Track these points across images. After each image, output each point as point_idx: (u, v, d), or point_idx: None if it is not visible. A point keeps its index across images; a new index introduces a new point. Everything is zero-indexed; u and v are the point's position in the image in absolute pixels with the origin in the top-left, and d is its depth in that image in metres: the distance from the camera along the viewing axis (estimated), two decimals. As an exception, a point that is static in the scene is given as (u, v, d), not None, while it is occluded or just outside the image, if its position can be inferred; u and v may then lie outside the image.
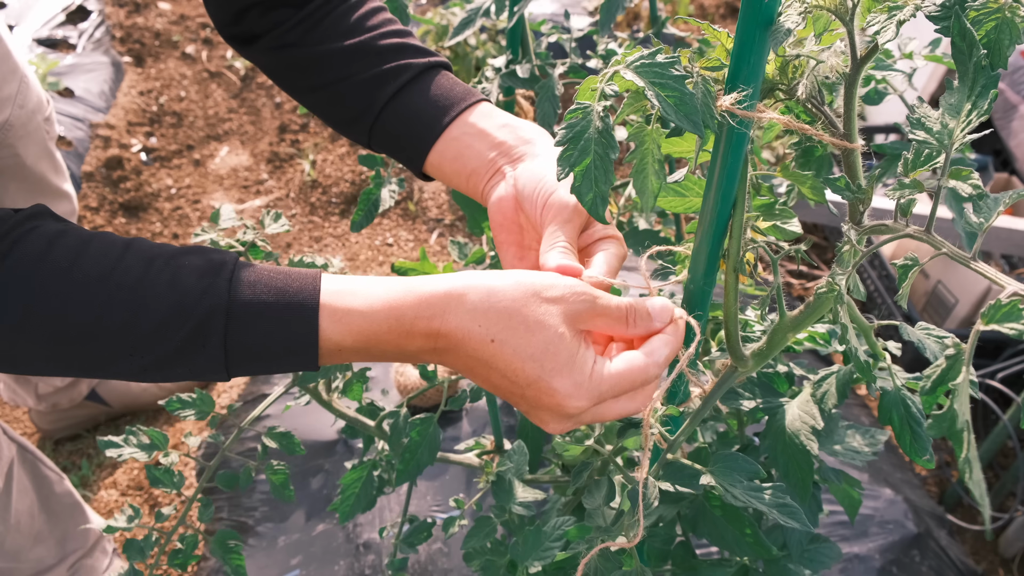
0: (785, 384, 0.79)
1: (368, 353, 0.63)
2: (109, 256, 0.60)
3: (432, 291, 0.61)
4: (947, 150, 0.48)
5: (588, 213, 0.58)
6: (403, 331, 0.61)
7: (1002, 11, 0.46)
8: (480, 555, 0.92)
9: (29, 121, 1.45)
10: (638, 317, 0.64)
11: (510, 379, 0.61)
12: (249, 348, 0.60)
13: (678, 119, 0.51)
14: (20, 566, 1.39)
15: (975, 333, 0.40)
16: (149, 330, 0.59)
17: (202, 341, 0.59)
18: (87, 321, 0.59)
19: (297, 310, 0.60)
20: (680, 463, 0.69)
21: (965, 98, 0.47)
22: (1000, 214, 0.46)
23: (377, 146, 0.83)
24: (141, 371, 0.61)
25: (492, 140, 0.76)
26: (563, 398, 0.60)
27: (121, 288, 0.59)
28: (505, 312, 0.60)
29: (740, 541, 0.72)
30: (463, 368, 0.64)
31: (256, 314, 0.60)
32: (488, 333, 0.60)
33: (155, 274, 0.60)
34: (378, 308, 0.61)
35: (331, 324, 0.61)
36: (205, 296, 0.59)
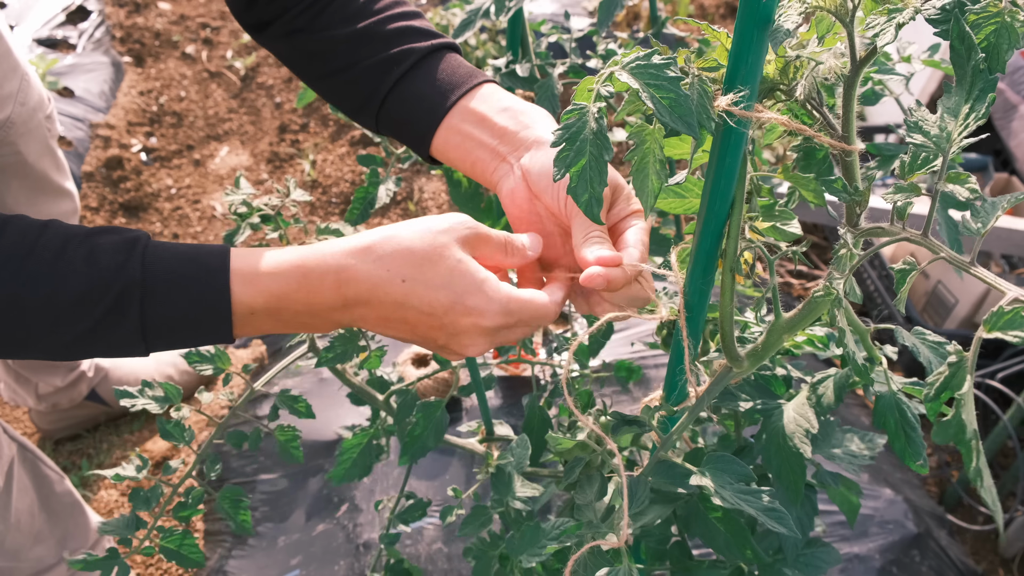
0: (782, 386, 0.79)
1: (279, 316, 0.66)
2: (27, 236, 0.62)
3: (336, 249, 0.65)
4: (945, 154, 0.47)
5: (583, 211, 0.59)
6: (311, 288, 0.65)
7: (1001, 15, 0.46)
8: (477, 548, 0.92)
9: (31, 119, 1.45)
10: (514, 247, 0.71)
11: (427, 312, 0.65)
12: (165, 317, 0.63)
13: (672, 121, 0.51)
14: (20, 565, 1.39)
15: (977, 340, 0.40)
16: (68, 306, 0.61)
17: (120, 313, 0.62)
18: (6, 298, 0.60)
19: (207, 275, 0.63)
20: (671, 462, 0.69)
21: (963, 101, 0.47)
22: (997, 219, 0.46)
23: (385, 132, 0.85)
24: (63, 348, 0.63)
25: (493, 127, 0.77)
26: (479, 314, 0.66)
27: (40, 265, 0.61)
28: (407, 252, 0.65)
29: (730, 544, 0.72)
30: (376, 319, 0.67)
31: (169, 283, 0.63)
32: (398, 274, 0.64)
33: (72, 252, 0.62)
34: (286, 268, 0.65)
35: (242, 287, 0.64)
36: (121, 270, 0.62)
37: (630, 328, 1.99)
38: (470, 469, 1.72)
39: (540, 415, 1.15)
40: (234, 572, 1.63)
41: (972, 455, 0.40)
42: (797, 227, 0.68)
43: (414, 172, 2.70)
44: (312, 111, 2.92)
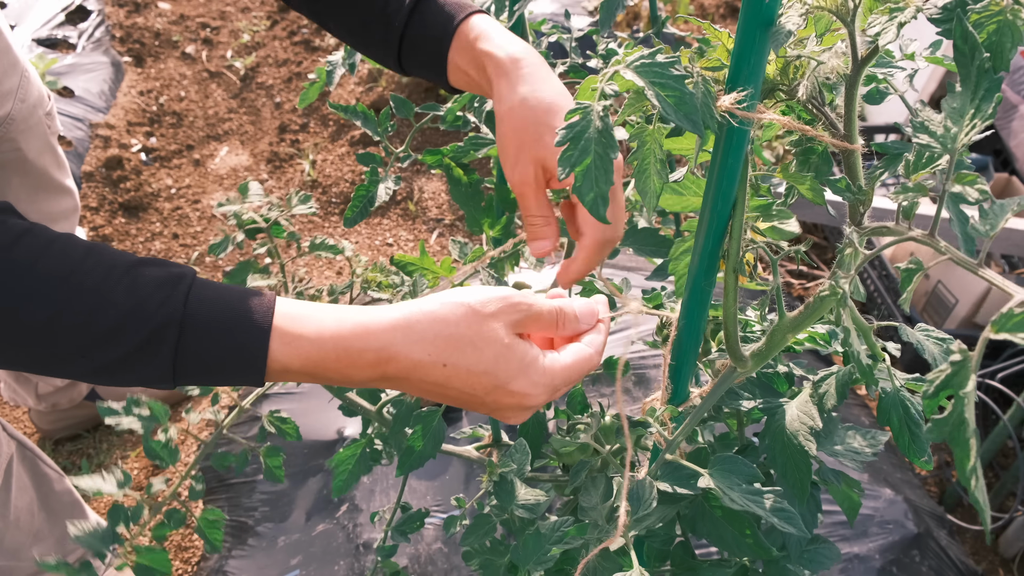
0: (785, 384, 0.79)
1: (314, 377, 0.66)
2: (71, 257, 0.61)
3: (378, 324, 0.64)
4: (951, 153, 0.47)
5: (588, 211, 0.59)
6: (350, 361, 0.64)
7: (1003, 13, 0.46)
8: (479, 554, 0.92)
9: (31, 115, 1.46)
10: (567, 320, 0.71)
11: (468, 393, 0.65)
12: (198, 362, 0.62)
13: (678, 119, 0.51)
14: (20, 564, 1.39)
15: (983, 341, 0.40)
16: (103, 333, 0.60)
17: (154, 350, 0.61)
18: (44, 318, 0.59)
19: (248, 330, 0.62)
20: (678, 463, 0.69)
21: (968, 102, 0.47)
22: (1006, 221, 0.46)
23: (412, 73, 0.88)
24: (91, 374, 0.62)
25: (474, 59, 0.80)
26: (523, 397, 0.66)
27: (81, 289, 0.60)
28: (451, 337, 0.64)
29: (739, 542, 0.72)
30: (416, 391, 0.67)
31: (208, 329, 0.62)
32: (439, 359, 0.64)
33: (115, 280, 0.61)
34: (327, 337, 0.64)
35: (280, 347, 0.63)
36: (162, 307, 0.61)
37: (629, 328, 1.99)
38: (471, 469, 1.72)
39: (535, 418, 1.15)
40: (234, 572, 1.63)
41: (970, 455, 0.40)
42: (795, 225, 0.69)
43: (414, 171, 2.70)
44: (312, 111, 2.92)
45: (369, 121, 1.09)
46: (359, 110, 1.08)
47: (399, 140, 2.72)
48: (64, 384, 1.85)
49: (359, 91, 2.93)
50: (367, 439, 1.05)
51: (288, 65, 3.12)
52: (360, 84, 2.95)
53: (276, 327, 0.63)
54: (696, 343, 0.73)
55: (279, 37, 3.24)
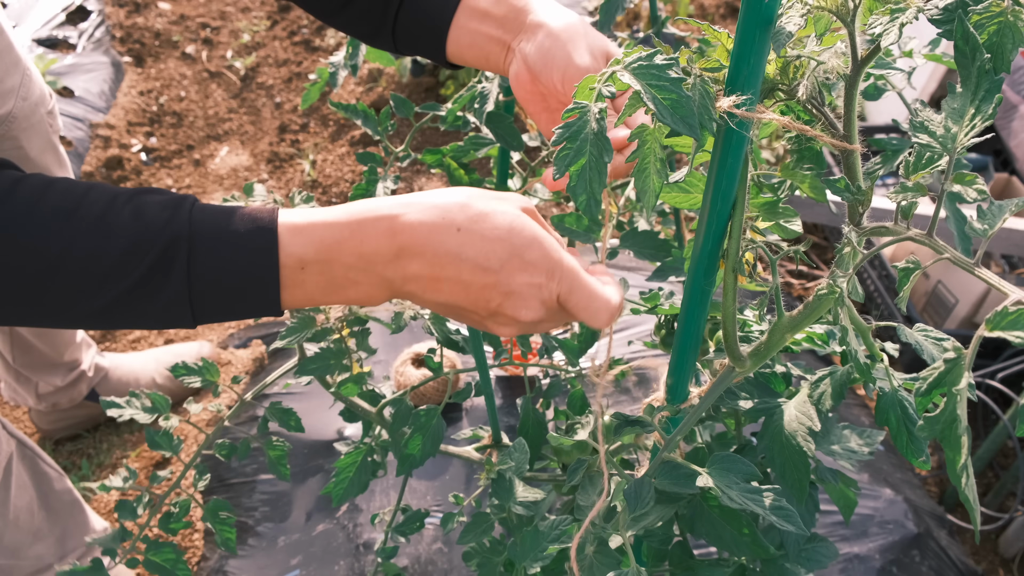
0: (782, 384, 0.79)
1: (331, 270, 0.63)
2: (74, 193, 0.61)
3: (390, 199, 0.64)
4: (951, 154, 0.47)
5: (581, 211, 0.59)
6: (364, 235, 0.63)
7: (1004, 14, 0.46)
8: (478, 554, 0.92)
9: (32, 113, 1.46)
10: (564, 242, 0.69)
11: (482, 265, 0.62)
12: (212, 273, 0.61)
13: (674, 122, 0.51)
14: (20, 563, 1.39)
15: (977, 338, 0.40)
16: (114, 260, 0.60)
17: (166, 269, 0.60)
18: (54, 253, 0.59)
19: (256, 226, 0.62)
20: (676, 462, 0.69)
21: (968, 102, 0.47)
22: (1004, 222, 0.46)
23: (405, 51, 0.88)
24: (104, 312, 0.61)
25: (493, 18, 0.81)
26: (536, 269, 0.63)
27: (86, 220, 0.60)
28: (464, 204, 0.63)
29: (738, 540, 0.72)
30: (429, 278, 0.64)
31: (217, 236, 0.61)
32: (453, 223, 0.62)
33: (119, 207, 0.61)
34: (339, 215, 0.63)
35: (292, 236, 0.62)
36: (168, 225, 0.61)
37: (629, 328, 1.99)
38: (471, 468, 1.72)
39: (535, 417, 1.15)
40: (234, 572, 1.63)
41: (960, 453, 0.40)
42: (799, 225, 0.69)
43: (414, 171, 2.70)
44: (312, 111, 2.92)
45: (369, 120, 1.09)
46: (360, 109, 1.08)
47: (399, 140, 2.72)
48: (64, 384, 1.85)
49: (359, 91, 2.93)
50: (368, 447, 1.05)
51: (288, 65, 3.12)
52: (360, 84, 2.96)
53: (284, 221, 0.63)
54: (696, 342, 0.73)
55: (279, 37, 3.24)
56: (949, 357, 0.41)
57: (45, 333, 1.74)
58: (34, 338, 1.74)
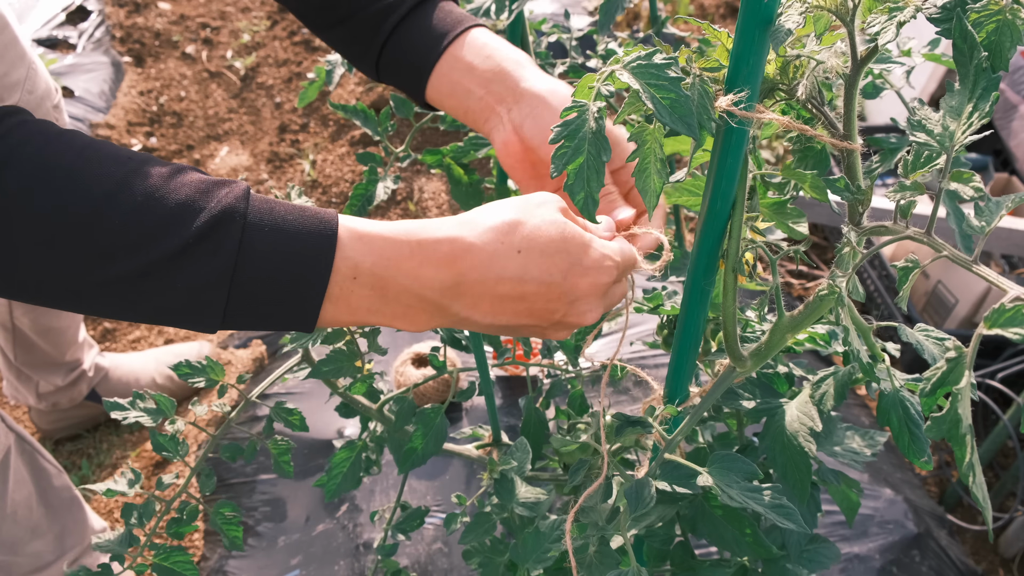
0: (785, 385, 0.79)
1: (385, 290, 0.60)
2: (124, 151, 0.57)
3: (448, 221, 0.62)
4: (948, 152, 0.47)
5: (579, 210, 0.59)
6: (425, 256, 0.60)
7: (1003, 13, 0.46)
8: (479, 553, 0.92)
9: (38, 107, 1.46)
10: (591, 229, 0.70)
11: (546, 281, 0.62)
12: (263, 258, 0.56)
13: (671, 122, 0.51)
14: (18, 560, 1.39)
15: (977, 337, 0.40)
16: (162, 216, 0.54)
17: (216, 242, 0.55)
18: (101, 194, 0.53)
19: (316, 222, 0.58)
20: (677, 462, 0.69)
21: (966, 100, 0.47)
22: (1001, 218, 0.46)
23: (385, 79, 0.85)
24: (140, 276, 0.55)
25: (479, 75, 0.78)
26: (597, 272, 0.64)
27: (139, 173, 0.55)
28: (517, 223, 0.62)
29: (740, 541, 0.72)
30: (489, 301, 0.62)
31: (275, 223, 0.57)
32: (512, 246, 0.62)
33: (173, 172, 0.57)
34: (400, 231, 0.61)
35: (351, 240, 0.58)
36: (226, 197, 0.56)
37: (630, 328, 1.99)
38: (471, 468, 1.72)
39: (537, 417, 1.15)
40: (234, 572, 1.63)
41: (966, 451, 0.40)
42: (806, 226, 0.69)
43: (414, 171, 2.70)
44: (312, 111, 2.92)
45: (369, 120, 1.09)
46: (359, 109, 1.08)
47: (399, 140, 2.72)
48: (65, 383, 1.85)
49: (359, 91, 2.93)
50: (362, 444, 1.05)
51: (288, 65, 3.12)
52: (360, 84, 2.96)
53: (345, 224, 0.59)
54: (696, 342, 0.73)
55: (279, 37, 3.24)
56: (951, 356, 0.41)
57: (48, 331, 1.74)
58: (37, 337, 1.74)
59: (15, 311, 1.68)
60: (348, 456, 1.04)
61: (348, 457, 1.04)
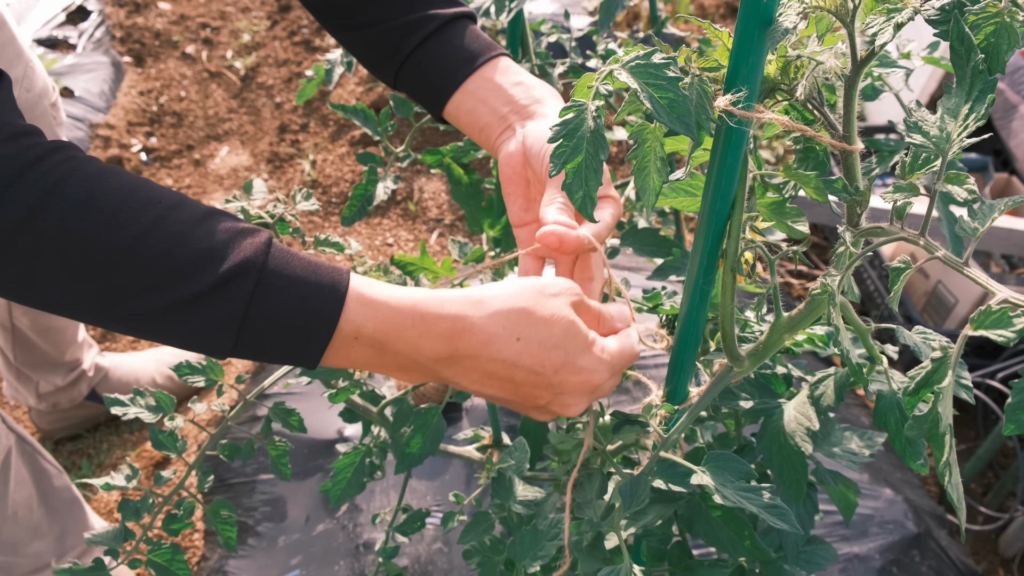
0: (783, 385, 0.79)
1: (383, 351, 0.64)
2: (158, 192, 0.61)
3: (452, 296, 0.64)
4: (944, 154, 0.48)
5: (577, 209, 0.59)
6: (425, 329, 0.63)
7: (1001, 15, 0.46)
8: (479, 552, 0.92)
9: (36, 105, 1.46)
10: (604, 320, 0.72)
11: (537, 371, 0.65)
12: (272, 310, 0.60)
13: (669, 121, 0.51)
14: (19, 560, 1.39)
15: (963, 338, 0.40)
16: (183, 266, 0.58)
17: (231, 292, 0.59)
18: (129, 242, 0.58)
19: (328, 282, 0.62)
20: (672, 461, 0.69)
21: (963, 102, 0.47)
22: (994, 220, 0.46)
23: (401, 88, 0.88)
24: (154, 315, 0.60)
25: (506, 96, 0.80)
26: (590, 373, 0.66)
27: (165, 220, 0.59)
28: (524, 312, 0.64)
29: (736, 542, 0.72)
30: (480, 375, 0.66)
31: (289, 278, 0.61)
32: (513, 332, 0.64)
33: (200, 218, 0.60)
34: (404, 303, 0.63)
35: (357, 306, 0.62)
36: (245, 249, 0.60)
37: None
38: (471, 468, 1.72)
39: (536, 421, 1.15)
40: (234, 572, 1.63)
41: (944, 449, 0.40)
42: (805, 225, 0.69)
43: (414, 172, 2.70)
44: (312, 111, 2.92)
45: (369, 121, 1.09)
46: (359, 109, 1.08)
47: (399, 140, 2.72)
48: (65, 383, 1.85)
49: (359, 91, 2.93)
50: (366, 448, 1.05)
51: (288, 65, 3.12)
52: (360, 84, 2.96)
53: (354, 287, 0.62)
54: (695, 342, 0.73)
55: (279, 37, 3.24)
56: (936, 356, 0.41)
57: (47, 332, 1.75)
58: (36, 337, 1.74)
59: (14, 311, 1.68)
60: (352, 461, 1.04)
61: (352, 462, 1.04)
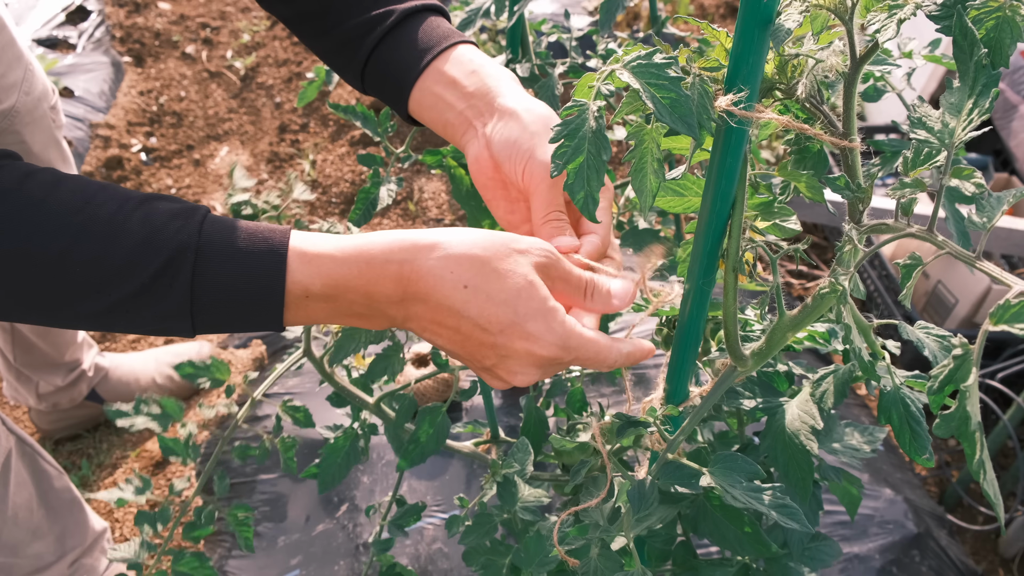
0: (785, 383, 0.79)
1: (336, 303, 0.63)
2: (84, 192, 0.60)
3: (404, 238, 0.63)
4: (948, 149, 0.47)
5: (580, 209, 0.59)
6: (373, 275, 0.62)
7: (1003, 9, 0.46)
8: (481, 554, 0.92)
9: (35, 108, 1.46)
10: (597, 293, 0.67)
11: (482, 326, 0.62)
12: (216, 287, 0.60)
13: (672, 121, 0.51)
14: (19, 561, 1.39)
15: (983, 333, 0.40)
16: (119, 264, 0.59)
17: (170, 279, 0.59)
18: (59, 251, 0.58)
19: (266, 248, 0.61)
20: (679, 463, 0.69)
21: (966, 97, 0.47)
22: (1002, 214, 0.46)
23: (370, 91, 0.85)
24: (105, 312, 0.61)
25: (462, 90, 0.77)
26: (535, 341, 0.62)
27: (94, 220, 0.59)
28: (477, 259, 0.62)
29: (741, 540, 0.72)
30: (429, 320, 0.64)
31: (225, 252, 0.60)
32: (461, 279, 0.61)
33: (129, 211, 0.60)
34: (349, 252, 0.62)
35: (300, 265, 0.61)
36: (177, 233, 0.60)
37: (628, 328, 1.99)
38: (471, 469, 1.72)
39: (537, 416, 1.15)
40: (234, 572, 1.63)
41: (976, 448, 0.40)
42: (796, 223, 0.69)
43: (414, 172, 2.70)
44: (312, 111, 2.92)
45: (369, 121, 1.09)
46: (359, 110, 1.08)
47: (399, 140, 2.72)
48: (65, 383, 1.85)
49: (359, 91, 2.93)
50: (354, 433, 1.05)
51: (288, 65, 3.12)
52: (360, 84, 2.96)
53: (294, 247, 0.61)
54: (696, 342, 0.73)
55: (279, 37, 3.24)
56: (957, 354, 0.41)
57: (47, 332, 1.74)
58: (36, 337, 1.74)
59: (15, 311, 1.67)
60: (341, 445, 1.04)
61: (341, 447, 1.04)
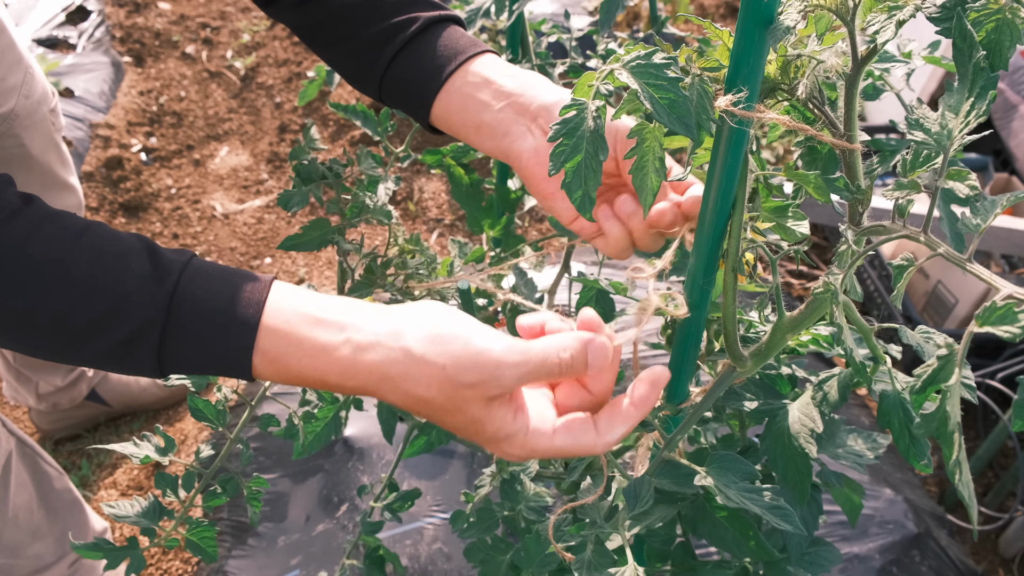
0: (787, 386, 0.79)
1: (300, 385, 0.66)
2: (62, 241, 0.60)
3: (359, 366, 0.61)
4: (945, 151, 0.47)
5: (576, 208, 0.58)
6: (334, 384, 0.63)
7: (1002, 12, 0.46)
8: (481, 550, 0.92)
9: (35, 111, 1.46)
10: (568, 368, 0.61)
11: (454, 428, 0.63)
12: (182, 362, 0.63)
13: (669, 122, 0.51)
14: (19, 562, 1.39)
15: (968, 335, 0.40)
16: (84, 327, 0.60)
17: (135, 347, 0.61)
18: (26, 308, 0.59)
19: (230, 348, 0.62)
20: (676, 462, 0.69)
21: (964, 98, 0.47)
22: (996, 216, 0.46)
23: (387, 100, 0.84)
24: (83, 362, 0.63)
25: (499, 90, 0.76)
26: (508, 454, 0.63)
27: (66, 279, 0.60)
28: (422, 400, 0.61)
29: (740, 543, 0.72)
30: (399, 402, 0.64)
31: (190, 337, 0.62)
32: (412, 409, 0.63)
33: (103, 268, 0.61)
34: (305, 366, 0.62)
35: (264, 364, 0.62)
36: (145, 306, 0.60)
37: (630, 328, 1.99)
38: (471, 468, 1.72)
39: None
40: (234, 572, 1.63)
41: (953, 448, 0.40)
42: (807, 227, 0.68)
43: (414, 172, 2.70)
44: (312, 111, 2.92)
45: (369, 121, 1.09)
46: (359, 110, 1.08)
47: (399, 140, 2.72)
48: (65, 384, 1.85)
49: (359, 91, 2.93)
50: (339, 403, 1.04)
51: (288, 65, 3.12)
52: (360, 84, 2.96)
53: (259, 346, 0.62)
54: (696, 342, 0.73)
55: (279, 37, 3.24)
56: (942, 354, 0.41)
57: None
58: (34, 338, 1.74)
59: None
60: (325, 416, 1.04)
61: (324, 417, 1.04)
